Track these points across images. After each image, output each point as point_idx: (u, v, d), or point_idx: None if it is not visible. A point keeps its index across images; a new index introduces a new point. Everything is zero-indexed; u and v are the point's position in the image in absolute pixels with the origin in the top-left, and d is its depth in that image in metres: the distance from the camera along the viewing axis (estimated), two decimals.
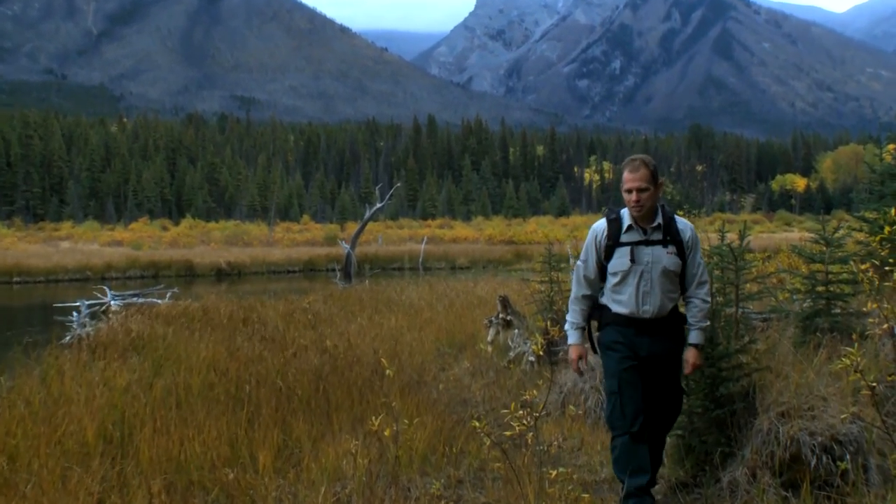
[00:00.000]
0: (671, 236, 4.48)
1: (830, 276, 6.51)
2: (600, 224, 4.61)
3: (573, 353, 4.66)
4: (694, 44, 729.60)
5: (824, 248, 6.55)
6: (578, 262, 4.70)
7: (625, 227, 4.50)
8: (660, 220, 4.48)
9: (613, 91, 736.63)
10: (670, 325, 4.52)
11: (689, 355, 4.55)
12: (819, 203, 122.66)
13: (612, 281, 4.53)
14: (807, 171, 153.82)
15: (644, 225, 4.47)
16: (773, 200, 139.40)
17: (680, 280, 4.54)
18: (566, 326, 4.72)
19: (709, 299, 4.60)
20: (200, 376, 8.00)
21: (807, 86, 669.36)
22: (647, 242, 4.46)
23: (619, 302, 4.51)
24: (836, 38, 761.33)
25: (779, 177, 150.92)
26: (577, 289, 4.68)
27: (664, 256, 4.44)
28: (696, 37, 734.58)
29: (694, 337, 4.56)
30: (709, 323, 4.63)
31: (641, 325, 4.46)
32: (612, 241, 4.51)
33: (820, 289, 6.52)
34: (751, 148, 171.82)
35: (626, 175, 4.46)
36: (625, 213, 4.53)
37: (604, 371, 4.66)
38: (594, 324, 4.74)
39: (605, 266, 4.55)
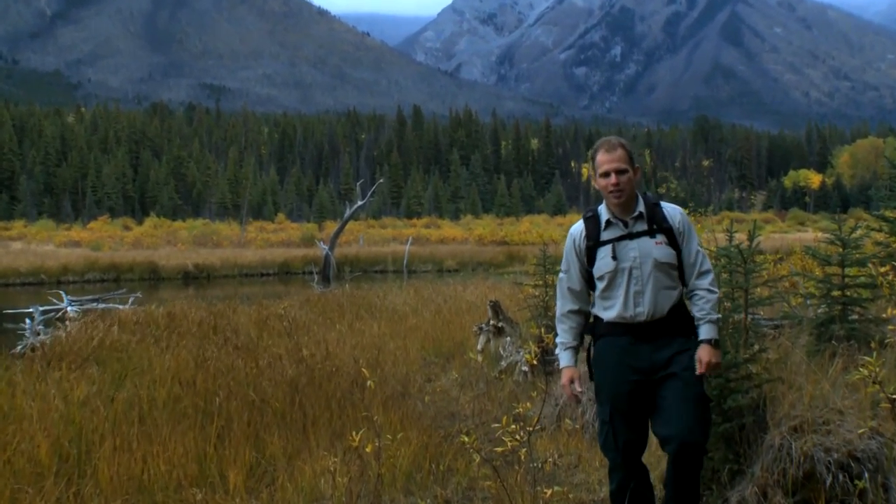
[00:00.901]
0: (657, 224, 4.23)
1: (847, 279, 6.52)
2: (577, 226, 4.40)
3: (564, 377, 4.38)
4: (700, 29, 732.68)
5: (840, 250, 6.56)
6: (561, 274, 4.47)
7: (603, 223, 4.27)
8: (641, 208, 4.24)
9: (613, 80, 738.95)
10: (673, 327, 4.22)
11: (702, 352, 4.15)
12: (835, 201, 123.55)
13: (599, 287, 4.29)
14: (822, 167, 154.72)
15: (624, 217, 4.23)
16: (786, 198, 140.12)
17: (679, 274, 4.28)
18: (557, 350, 4.48)
19: (715, 289, 4.28)
20: (166, 388, 7.97)
21: (822, 74, 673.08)
22: (631, 236, 4.22)
23: (610, 308, 4.26)
24: (855, 23, 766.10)
25: (792, 172, 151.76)
26: (562, 304, 4.45)
27: (653, 248, 4.20)
28: (703, 21, 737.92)
29: (705, 332, 4.20)
30: (720, 316, 4.31)
31: (637, 331, 4.19)
32: (593, 242, 4.29)
33: (836, 293, 6.53)
34: (761, 141, 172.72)
35: (600, 157, 4.24)
36: (602, 209, 4.32)
37: (595, 394, 4.45)
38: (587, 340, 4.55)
39: (591, 272, 4.32)
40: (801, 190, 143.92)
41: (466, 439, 4.79)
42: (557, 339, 4.47)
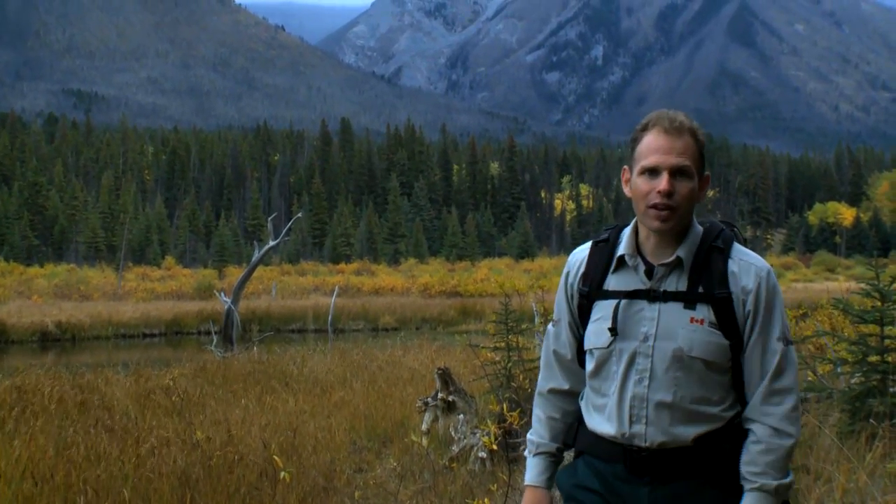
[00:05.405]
0: (707, 285, 2.95)
1: (888, 341, 6.60)
2: (579, 252, 3.22)
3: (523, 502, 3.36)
4: (703, 25, 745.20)
5: (879, 304, 6.64)
6: (549, 326, 3.30)
7: (615, 259, 3.07)
8: (683, 252, 2.98)
9: (594, 88, 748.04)
10: (702, 466, 2.95)
11: None
12: (872, 241, 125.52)
13: (588, 366, 3.13)
14: (855, 199, 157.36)
15: (654, 258, 3.00)
16: (811, 238, 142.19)
17: (734, 378, 3.00)
18: (525, 450, 3.39)
19: (790, 429, 2.91)
20: (13, 486, 7.84)
21: (855, 82, 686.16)
22: (652, 295, 2.97)
23: (598, 410, 3.10)
24: (895, 19, 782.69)
25: (818, 206, 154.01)
26: (544, 375, 3.30)
27: (682, 328, 2.93)
28: (706, 15, 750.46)
29: (749, 502, 2.89)
30: (787, 481, 2.89)
31: (636, 461, 2.97)
32: (591, 287, 3.09)
33: (873, 359, 6.61)
34: (780, 166, 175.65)
35: (651, 139, 3.11)
36: (626, 233, 3.10)
37: None
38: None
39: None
40: (829, 228, 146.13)
41: None
42: (529, 434, 3.34)
